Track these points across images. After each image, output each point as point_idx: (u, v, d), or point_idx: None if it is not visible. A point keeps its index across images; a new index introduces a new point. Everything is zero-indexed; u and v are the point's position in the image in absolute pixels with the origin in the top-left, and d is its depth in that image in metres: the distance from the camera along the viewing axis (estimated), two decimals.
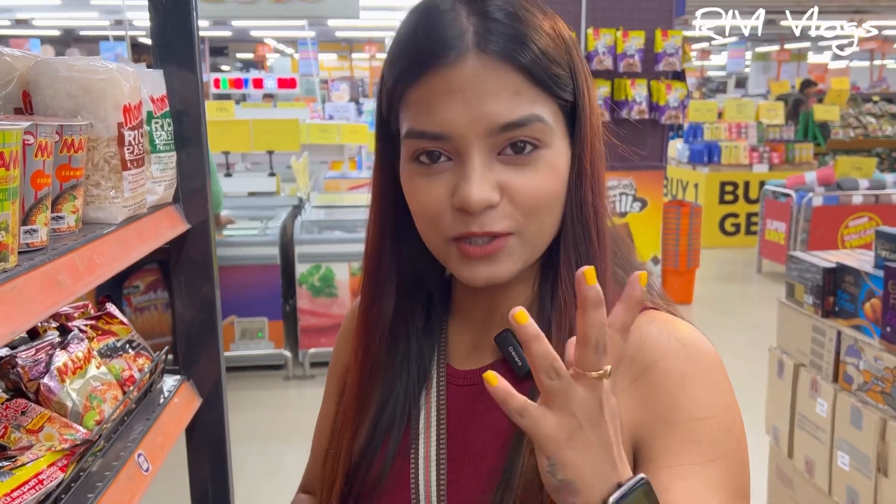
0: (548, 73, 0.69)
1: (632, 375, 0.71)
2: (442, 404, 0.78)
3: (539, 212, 0.71)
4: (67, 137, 0.94)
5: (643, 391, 0.70)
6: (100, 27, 12.10)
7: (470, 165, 0.68)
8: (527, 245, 0.72)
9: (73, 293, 0.87)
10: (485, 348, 0.80)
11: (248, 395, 4.36)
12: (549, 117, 0.70)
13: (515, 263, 0.72)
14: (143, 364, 1.27)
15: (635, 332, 0.71)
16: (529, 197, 0.70)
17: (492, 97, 0.67)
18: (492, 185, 0.69)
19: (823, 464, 2.50)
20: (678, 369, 0.70)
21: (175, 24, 1.28)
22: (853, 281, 2.41)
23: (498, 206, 0.69)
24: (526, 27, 0.69)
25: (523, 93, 0.68)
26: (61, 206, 0.96)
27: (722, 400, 0.71)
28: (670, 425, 0.69)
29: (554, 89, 0.70)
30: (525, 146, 0.69)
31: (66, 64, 1.01)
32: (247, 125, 5.60)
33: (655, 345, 0.71)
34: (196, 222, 1.34)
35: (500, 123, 0.68)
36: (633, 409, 0.70)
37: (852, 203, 6.74)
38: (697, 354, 0.72)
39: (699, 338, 0.74)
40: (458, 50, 0.67)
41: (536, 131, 0.69)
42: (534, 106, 0.69)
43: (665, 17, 5.76)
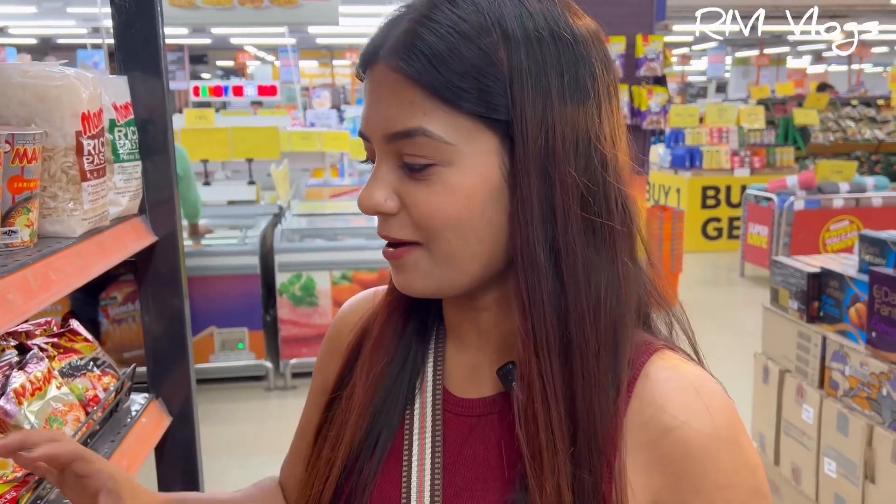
0: (445, 83, 0.62)
1: (651, 436, 0.66)
2: (438, 432, 0.73)
3: (438, 231, 0.65)
4: (20, 147, 0.89)
5: (664, 457, 0.66)
6: (77, 35, 11.99)
7: (375, 169, 0.68)
8: (437, 263, 0.66)
9: (23, 312, 0.82)
10: (483, 376, 0.74)
11: (229, 407, 4.29)
12: (449, 133, 0.63)
13: (424, 278, 0.68)
14: (108, 383, 1.22)
15: (654, 384, 0.67)
16: (422, 214, 0.65)
17: (386, 104, 0.65)
18: (388, 191, 0.66)
19: (810, 471, 2.48)
20: (702, 437, 0.65)
21: (138, 29, 1.23)
22: (838, 286, 2.39)
23: (399, 214, 0.67)
24: (429, 31, 0.63)
25: (417, 103, 0.64)
26: (14, 219, 0.91)
27: (746, 460, 0.67)
28: (697, 493, 0.65)
29: (465, 103, 0.62)
30: (415, 162, 0.64)
31: (20, 70, 0.97)
32: (225, 133, 5.54)
33: (677, 408, 0.65)
34: (164, 234, 1.29)
35: (388, 132, 0.65)
36: (653, 473, 0.66)
37: (833, 206, 6.77)
38: (720, 415, 0.66)
39: (717, 391, 0.68)
40: (373, 54, 0.67)
41: (421, 147, 0.63)
42: (424, 119, 0.63)
43: (646, 22, 5.77)
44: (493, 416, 0.71)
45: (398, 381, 0.75)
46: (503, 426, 0.70)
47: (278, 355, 4.60)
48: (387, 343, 0.76)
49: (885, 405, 2.15)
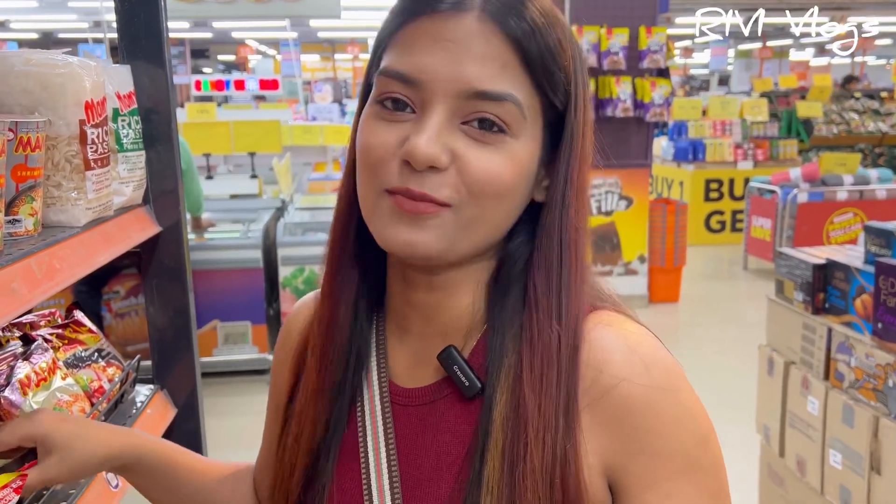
0: (541, 60, 0.65)
1: (593, 397, 0.67)
2: (388, 424, 0.73)
3: (484, 195, 0.65)
4: (23, 135, 0.89)
5: (608, 417, 0.67)
6: (78, 29, 11.97)
7: (429, 119, 0.64)
8: (460, 226, 0.66)
9: (28, 301, 0.81)
10: (427, 364, 0.74)
11: (233, 400, 4.30)
12: (527, 108, 0.66)
13: (442, 239, 0.66)
14: (113, 374, 1.21)
15: (593, 345, 0.68)
16: (480, 175, 0.65)
17: (477, 60, 0.63)
18: (444, 146, 0.64)
19: (815, 463, 2.47)
20: (642, 392, 0.66)
21: (142, 19, 1.22)
22: (843, 277, 2.38)
23: (445, 172, 0.65)
24: (532, 4, 0.65)
25: (509, 69, 0.64)
26: (17, 208, 0.90)
27: (688, 408, 0.69)
28: (643, 448, 0.66)
29: (542, 83, 0.66)
30: (492, 125, 0.65)
31: (23, 58, 0.96)
32: (227, 127, 5.53)
33: (616, 366, 0.67)
34: (168, 225, 1.29)
35: (475, 89, 0.64)
36: (600, 435, 0.67)
37: (837, 199, 6.75)
38: (657, 367, 0.68)
39: (654, 345, 0.70)
40: (461, 3, 0.64)
41: (508, 113, 0.64)
42: (514, 87, 0.64)
43: (649, 15, 5.74)
44: (440, 403, 0.72)
45: (343, 382, 0.76)
46: (451, 411, 0.71)
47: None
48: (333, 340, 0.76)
49: (891, 396, 2.14)
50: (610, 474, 0.67)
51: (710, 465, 0.68)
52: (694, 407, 0.69)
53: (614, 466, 0.67)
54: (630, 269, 6.04)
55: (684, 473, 0.66)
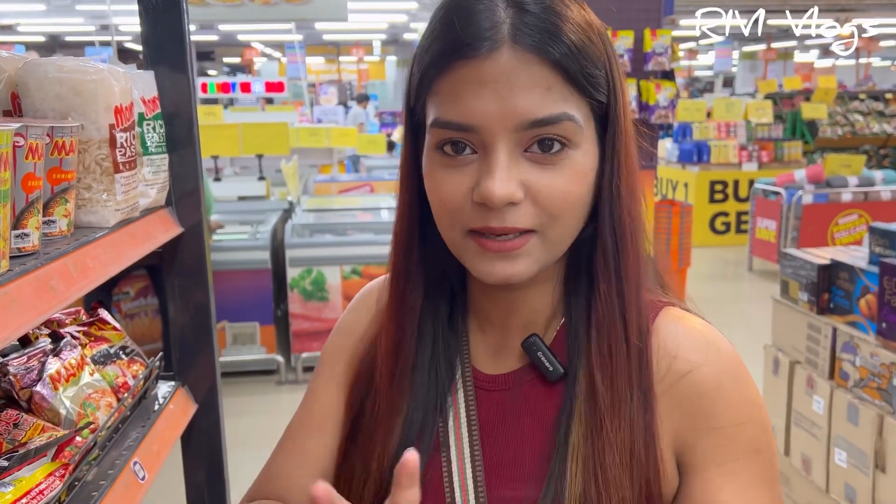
0: (582, 70, 0.67)
1: (668, 384, 0.73)
2: (472, 409, 0.77)
3: (562, 214, 0.69)
4: (58, 139, 0.92)
5: (681, 400, 0.72)
6: (85, 33, 12.03)
7: (495, 159, 0.66)
8: (547, 246, 0.70)
9: (66, 298, 0.84)
10: (509, 352, 0.78)
11: (241, 400, 4.33)
12: (581, 117, 0.68)
13: (534, 264, 0.70)
14: (137, 370, 1.25)
15: (665, 336, 0.74)
16: (553, 198, 0.68)
17: (523, 91, 0.65)
18: (516, 182, 0.67)
19: (820, 461, 2.50)
20: (713, 377, 0.72)
21: (165, 26, 1.26)
22: (848, 277, 2.41)
23: (521, 203, 0.67)
24: (562, 22, 0.67)
25: (555, 89, 0.66)
26: (53, 209, 0.94)
27: (752, 397, 0.74)
28: (712, 430, 0.72)
29: (587, 88, 0.68)
30: (553, 144, 0.67)
31: (56, 65, 0.99)
32: (236, 129, 5.57)
33: (689, 353, 0.73)
34: (189, 225, 1.32)
35: (529, 119, 0.66)
36: (674, 416, 0.73)
37: (842, 200, 6.77)
38: (726, 357, 0.74)
39: (721, 338, 0.76)
40: (492, 42, 0.65)
41: (566, 130, 0.67)
42: (565, 104, 0.67)
43: (654, 17, 5.77)
44: (523, 388, 0.76)
45: (429, 381, 0.78)
46: (533, 396, 0.75)
47: (289, 349, 4.63)
48: (405, 346, 0.78)
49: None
50: (679, 453, 0.73)
51: (769, 452, 0.74)
52: (757, 397, 0.75)
53: (684, 445, 0.72)
54: None
55: (747, 455, 0.72)
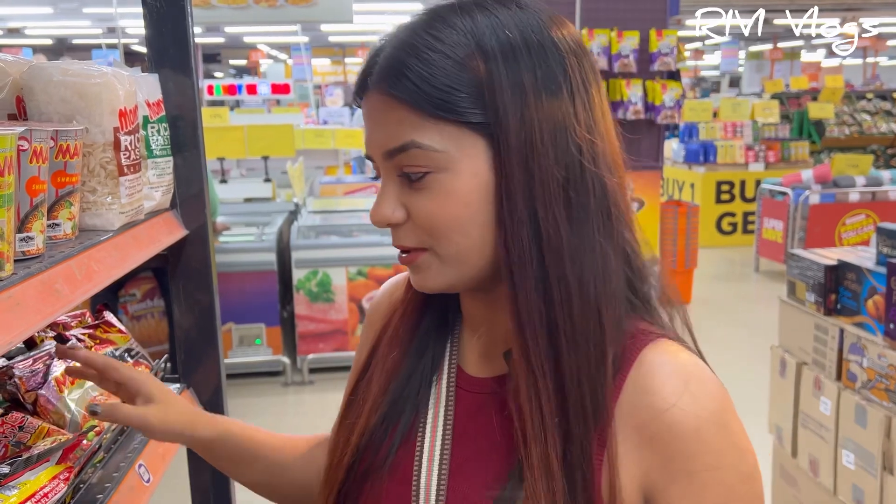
0: (431, 99, 0.68)
1: (643, 419, 0.69)
2: (450, 405, 0.78)
3: (442, 234, 0.70)
4: (63, 143, 0.93)
5: (655, 438, 0.69)
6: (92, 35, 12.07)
7: (381, 186, 0.73)
8: (448, 262, 0.72)
9: (70, 301, 0.85)
10: (495, 359, 0.78)
11: (247, 402, 4.34)
12: (441, 142, 0.69)
13: (437, 276, 0.73)
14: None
15: (648, 370, 0.70)
16: (425, 220, 0.71)
17: (380, 126, 0.71)
18: (395, 204, 0.72)
19: (828, 463, 2.49)
20: (693, 419, 0.68)
21: (169, 29, 1.26)
22: (855, 278, 2.40)
23: (405, 224, 0.72)
24: (411, 57, 0.69)
25: (406, 121, 0.69)
26: (57, 212, 0.94)
27: (737, 443, 0.70)
28: (687, 473, 0.68)
29: (443, 114, 0.68)
30: (414, 172, 0.70)
31: (61, 68, 1.00)
32: (241, 131, 5.58)
33: (668, 390, 0.69)
34: (194, 228, 1.33)
35: (383, 150, 0.71)
36: (644, 453, 0.69)
37: (849, 200, 6.74)
38: (710, 399, 0.70)
39: (709, 378, 0.72)
40: (364, 84, 0.73)
41: (415, 158, 0.69)
42: (415, 132, 0.69)
43: (659, 17, 5.76)
44: (502, 394, 0.75)
45: (417, 368, 0.81)
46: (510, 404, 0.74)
47: (295, 351, 4.64)
48: (402, 336, 0.83)
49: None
50: (647, 492, 0.70)
51: (749, 497, 0.70)
52: (741, 442, 0.70)
53: (654, 486, 0.69)
54: None
55: (720, 502, 0.68)
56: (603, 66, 5.67)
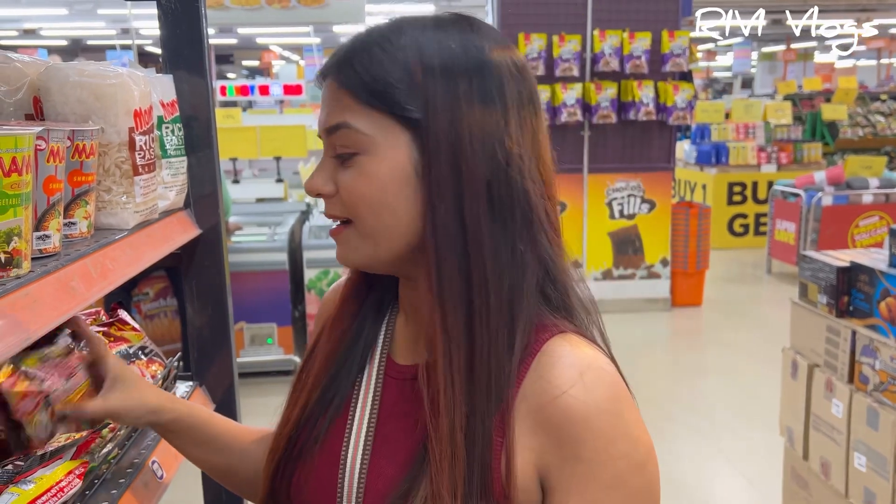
0: (367, 89, 0.76)
1: (538, 403, 0.75)
2: (377, 393, 0.85)
3: (359, 210, 0.78)
4: (79, 142, 0.94)
5: (548, 422, 0.74)
6: (106, 36, 12.16)
7: (321, 160, 0.82)
8: (366, 238, 0.79)
9: (86, 299, 0.86)
10: (420, 345, 0.84)
11: (258, 401, 4.33)
12: (369, 127, 0.76)
13: (356, 252, 0.81)
14: (156, 370, 1.26)
15: (547, 359, 0.76)
16: (347, 196, 0.78)
17: (326, 106, 0.80)
18: (326, 177, 0.80)
19: (840, 465, 2.48)
20: (582, 406, 0.73)
21: (184, 30, 1.27)
22: (868, 280, 2.39)
23: (335, 197, 0.80)
24: (359, 52, 0.78)
25: (344, 103, 0.78)
26: (73, 211, 0.95)
27: (626, 431, 0.75)
28: (576, 459, 0.73)
29: (373, 102, 0.76)
30: (344, 150, 0.78)
31: (77, 69, 1.01)
32: (254, 132, 5.61)
33: (561, 378, 0.74)
34: (207, 227, 1.34)
35: (324, 127, 0.80)
36: (538, 436, 0.75)
37: (862, 202, 6.70)
38: (601, 387, 0.75)
39: (605, 369, 0.77)
40: (325, 72, 0.81)
41: (345, 138, 0.77)
42: (348, 115, 0.77)
43: (671, 18, 5.75)
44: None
45: (352, 352, 0.88)
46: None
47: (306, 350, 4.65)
48: (342, 318, 0.90)
49: None
50: (541, 473, 0.75)
51: (640, 490, 0.75)
52: (634, 432, 0.75)
53: (546, 467, 0.75)
54: (653, 272, 6.03)
55: (610, 489, 0.73)
56: (614, 66, 5.66)
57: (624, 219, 5.96)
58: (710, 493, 3.39)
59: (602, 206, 5.93)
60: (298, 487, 0.85)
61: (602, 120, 5.68)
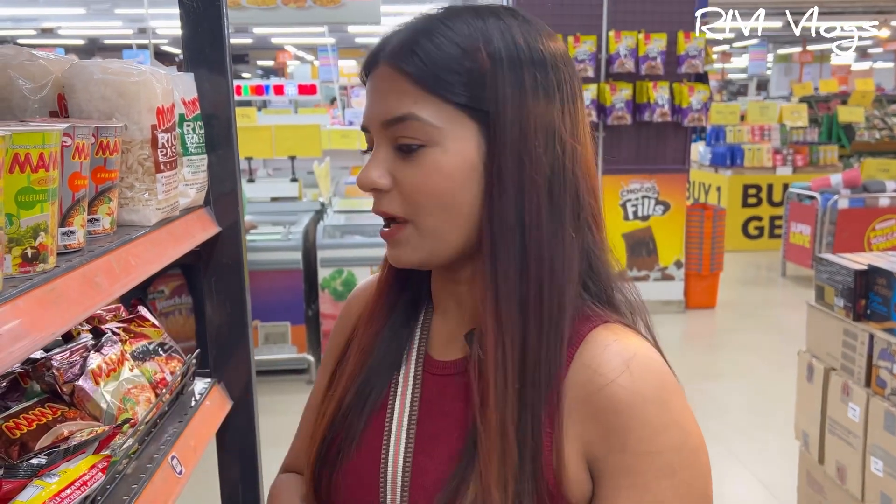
0: (435, 78, 0.74)
1: (586, 393, 0.74)
2: (416, 390, 0.84)
3: (425, 205, 0.76)
4: (103, 139, 0.95)
5: (596, 412, 0.74)
6: (123, 36, 12.25)
7: (373, 153, 0.78)
8: (427, 237, 0.77)
9: (109, 294, 0.87)
10: (459, 341, 0.83)
11: (272, 399, 4.37)
12: (437, 118, 0.74)
13: (414, 251, 0.78)
14: (174, 367, 1.27)
15: (592, 348, 0.75)
16: (411, 190, 0.76)
17: (384, 96, 0.77)
18: (383, 171, 0.77)
19: (856, 470, 2.46)
20: (629, 395, 0.73)
21: (206, 28, 1.28)
22: (885, 283, 2.37)
23: (389, 192, 0.77)
24: (423, 38, 0.75)
25: (409, 94, 0.75)
26: (97, 208, 0.96)
27: (674, 420, 0.74)
28: (624, 446, 0.73)
29: (444, 94, 0.74)
30: (410, 142, 0.75)
31: (101, 67, 1.02)
32: (269, 131, 5.63)
33: (607, 367, 0.74)
34: (227, 225, 1.35)
35: (383, 119, 0.76)
36: (587, 426, 0.74)
37: (879, 205, 6.65)
38: (649, 376, 0.74)
39: (651, 358, 0.76)
40: (375, 59, 0.78)
41: (414, 129, 0.75)
42: (415, 106, 0.75)
43: (687, 19, 5.72)
44: (464, 375, 0.80)
45: (388, 349, 0.87)
46: (471, 384, 0.79)
47: (320, 349, 4.67)
48: (377, 317, 0.89)
49: None
50: (591, 463, 0.75)
51: (690, 481, 0.74)
52: (683, 420, 0.74)
53: (595, 457, 0.74)
54: (666, 274, 6.01)
55: (660, 478, 0.72)
56: (630, 68, 5.65)
57: (638, 220, 5.94)
58: (724, 496, 3.38)
59: (616, 207, 5.92)
60: (338, 487, 0.83)
61: (617, 121, 5.67)
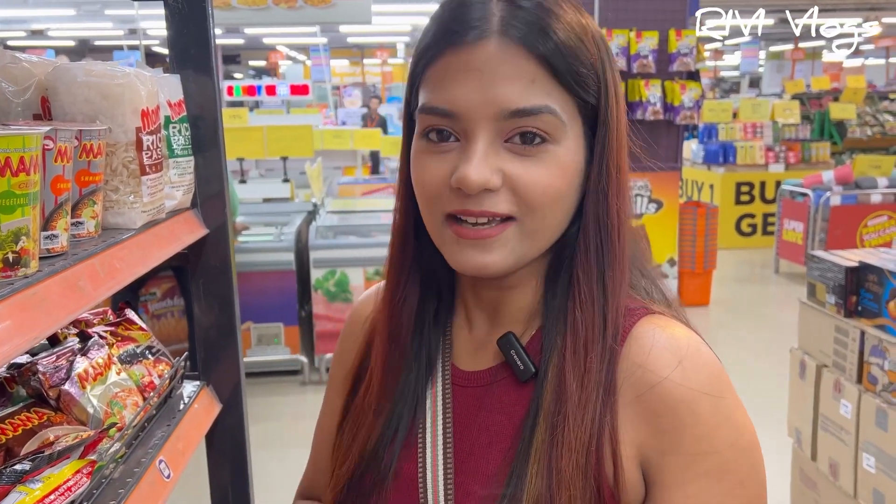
0: (570, 68, 0.68)
1: (636, 393, 0.70)
2: (448, 405, 0.78)
3: (541, 205, 0.69)
4: (86, 142, 0.94)
5: (648, 412, 0.70)
6: (114, 37, 12.21)
7: (474, 146, 0.68)
8: (526, 238, 0.71)
9: (93, 299, 0.86)
10: (488, 350, 0.79)
11: (265, 401, 4.36)
12: (564, 113, 0.69)
13: (510, 255, 0.71)
14: (162, 370, 1.26)
15: (641, 344, 0.71)
16: (530, 189, 0.68)
17: (506, 81, 0.66)
18: (493, 168, 0.68)
19: (848, 466, 2.46)
20: (682, 389, 0.69)
21: (191, 29, 1.27)
22: (876, 280, 2.37)
23: (498, 191, 0.68)
24: (553, 19, 0.68)
25: (539, 83, 0.67)
26: (81, 211, 0.95)
27: (729, 416, 0.70)
28: (678, 446, 0.69)
29: (573, 86, 0.69)
30: (534, 137, 0.68)
31: (84, 69, 1.01)
32: (261, 132, 5.62)
33: (659, 363, 0.70)
34: (214, 227, 1.34)
35: (510, 109, 0.67)
36: (639, 427, 0.70)
37: (871, 202, 6.67)
38: (702, 370, 0.70)
39: (702, 350, 0.72)
40: (481, 31, 0.67)
41: (546, 123, 0.68)
42: (548, 98, 0.67)
43: (678, 18, 5.73)
44: (497, 385, 0.76)
45: (413, 367, 0.80)
46: (506, 394, 0.75)
47: (313, 350, 4.66)
48: (395, 337, 0.82)
49: None
50: (645, 465, 0.70)
51: (747, 476, 0.70)
52: (736, 416, 0.70)
53: (649, 459, 0.70)
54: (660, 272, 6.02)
55: (716, 477, 0.68)
56: (621, 66, 5.65)
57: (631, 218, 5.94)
58: None
59: None
60: None
61: None
